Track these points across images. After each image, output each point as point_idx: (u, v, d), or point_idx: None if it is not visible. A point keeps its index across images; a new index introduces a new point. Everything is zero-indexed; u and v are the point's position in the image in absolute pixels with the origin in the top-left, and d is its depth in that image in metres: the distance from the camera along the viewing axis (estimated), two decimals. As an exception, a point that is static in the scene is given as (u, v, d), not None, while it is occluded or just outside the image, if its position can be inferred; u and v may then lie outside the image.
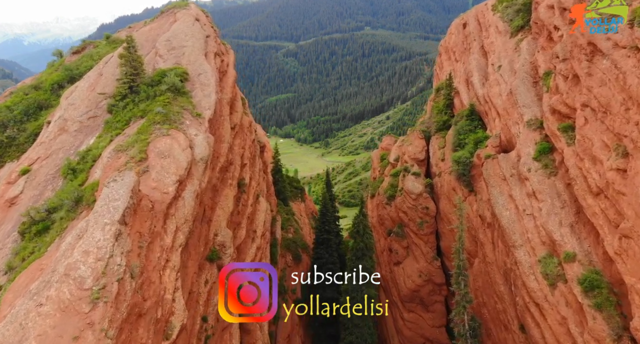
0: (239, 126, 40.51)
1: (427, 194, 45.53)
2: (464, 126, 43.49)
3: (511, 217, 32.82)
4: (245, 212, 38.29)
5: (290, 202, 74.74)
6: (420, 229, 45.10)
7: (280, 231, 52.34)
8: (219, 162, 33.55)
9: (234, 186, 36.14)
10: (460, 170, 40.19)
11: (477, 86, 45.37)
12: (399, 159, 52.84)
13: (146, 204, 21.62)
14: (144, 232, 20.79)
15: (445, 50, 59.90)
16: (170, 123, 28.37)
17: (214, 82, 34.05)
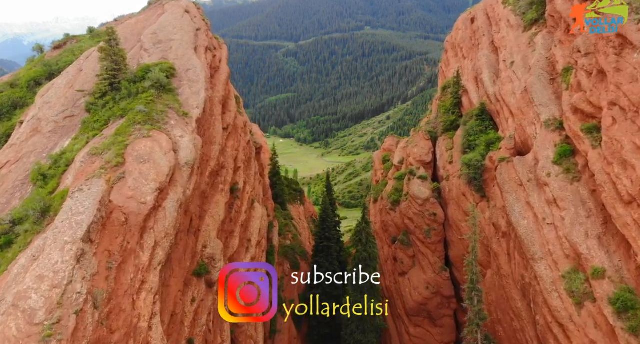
0: (233, 126, 37.60)
1: (434, 200, 42.58)
2: (474, 127, 40.55)
3: (529, 226, 29.88)
4: (239, 219, 35.37)
5: (289, 205, 71.78)
6: (427, 237, 42.16)
7: (278, 238, 49.40)
8: (209, 166, 30.64)
9: (226, 191, 33.22)
10: (471, 174, 37.25)
11: (488, 84, 42.43)
12: (403, 161, 49.85)
13: (118, 217, 18.67)
14: (114, 251, 17.85)
15: (452, 46, 56.96)
16: (153, 123, 25.46)
17: (204, 79, 31.14)
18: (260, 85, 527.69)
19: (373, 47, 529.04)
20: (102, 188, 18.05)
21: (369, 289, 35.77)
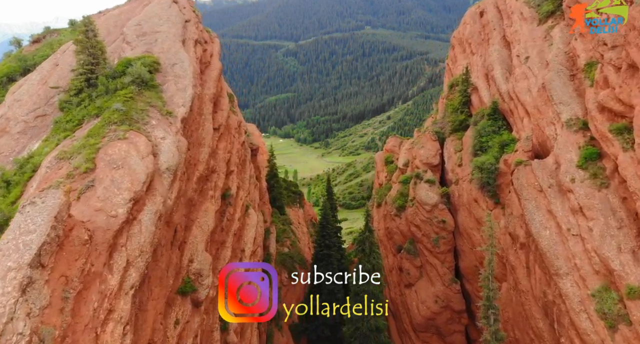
0: (225, 126, 34.66)
1: (443, 205, 39.60)
2: (485, 127, 37.61)
3: (552, 238, 26.95)
4: (231, 228, 32.42)
5: (288, 208, 68.87)
6: (435, 246, 39.20)
7: (275, 245, 46.46)
8: (196, 170, 27.70)
9: (216, 198, 30.27)
10: (483, 178, 34.32)
11: (500, 81, 39.49)
12: (408, 163, 46.85)
13: (79, 235, 15.73)
14: (73, 276, 14.92)
15: (459, 42, 53.98)
16: (131, 123, 22.53)
17: (192, 74, 28.22)
18: (260, 85, 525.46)
19: (373, 46, 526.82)
20: (60, 201, 15.10)
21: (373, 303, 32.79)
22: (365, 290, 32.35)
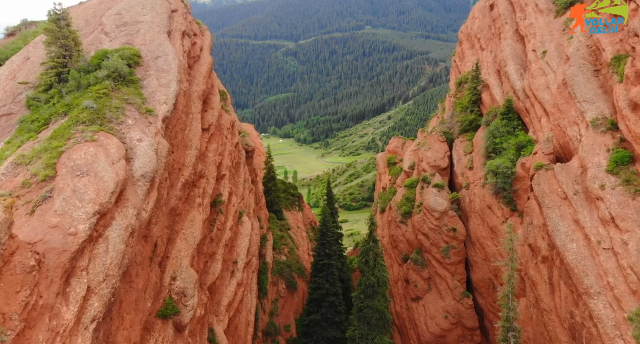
0: (216, 126, 31.74)
1: (453, 212, 36.63)
2: (499, 127, 34.68)
3: (580, 251, 24.04)
4: (222, 238, 29.50)
5: (286, 212, 65.88)
6: (445, 256, 36.23)
7: (272, 253, 43.54)
8: (181, 175, 24.77)
9: (205, 206, 27.35)
10: (498, 183, 31.39)
11: (514, 78, 36.58)
12: (414, 166, 43.85)
13: (23, 261, 12.80)
14: (12, 313, 12.01)
15: (467, 37, 51.03)
16: (102, 123, 19.63)
17: (177, 69, 25.29)
18: (259, 84, 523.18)
19: (373, 46, 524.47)
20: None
21: (378, 320, 29.90)
22: (370, 306, 29.43)
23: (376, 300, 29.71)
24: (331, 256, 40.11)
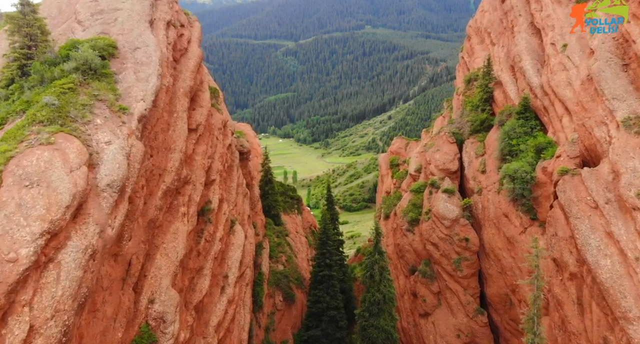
0: (205, 126, 28.82)
1: (465, 220, 33.69)
2: (515, 128, 31.76)
3: (615, 269, 21.14)
4: (211, 251, 26.58)
5: (285, 215, 62.98)
6: (457, 269, 33.28)
7: (268, 262, 40.60)
8: (162, 182, 21.85)
9: (190, 215, 24.43)
10: (517, 189, 28.48)
11: (531, 73, 33.68)
12: (421, 169, 40.89)
13: None
14: None
15: (477, 32, 48.11)
16: (64, 123, 16.74)
17: (158, 62, 22.39)
18: (259, 84, 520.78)
19: (374, 46, 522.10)
20: None
21: (384, 340, 26.97)
22: (375, 326, 26.51)
23: (382, 319, 26.85)
24: (332, 266, 37.21)
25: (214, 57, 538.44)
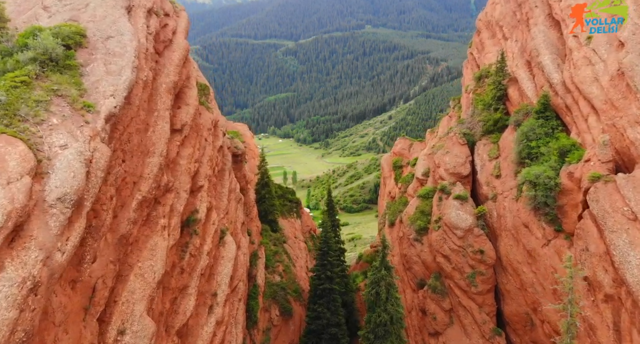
0: (192, 127, 25.92)
1: (479, 230, 30.77)
2: (534, 128, 28.86)
3: (662, 292, 18.19)
4: (197, 266, 23.66)
5: (283, 219, 60.07)
6: (471, 284, 30.40)
7: (264, 273, 37.68)
8: (137, 191, 18.93)
9: (173, 227, 21.51)
10: (539, 197, 25.59)
11: (550, 69, 30.78)
12: (429, 173, 37.94)
13: None
14: None
15: (487, 25, 45.20)
16: (11, 122, 13.92)
17: (134, 52, 19.48)
18: (259, 84, 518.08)
19: (374, 45, 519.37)
20: None
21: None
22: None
23: (389, 342, 23.96)
24: (333, 279, 34.31)
25: (213, 57, 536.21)
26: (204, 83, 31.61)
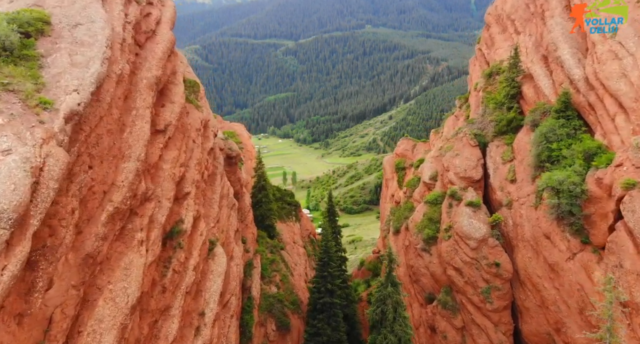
0: (178, 127, 23.38)
1: (494, 241, 28.16)
2: (554, 129, 26.30)
3: None
4: (181, 284, 21.10)
5: (281, 223, 57.54)
6: (485, 300, 27.81)
7: (259, 284, 35.11)
8: (108, 202, 16.37)
9: (152, 242, 18.95)
10: (563, 205, 23.03)
11: (571, 64, 28.21)
12: (437, 176, 35.31)
13: None
14: None
15: (497, 19, 42.63)
16: (-60, 122, 11.25)
17: (106, 42, 16.95)
18: (259, 84, 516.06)
19: (374, 45, 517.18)
20: None
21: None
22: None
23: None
24: (333, 292, 31.76)
25: (213, 56, 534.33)
26: (194, 80, 29.07)
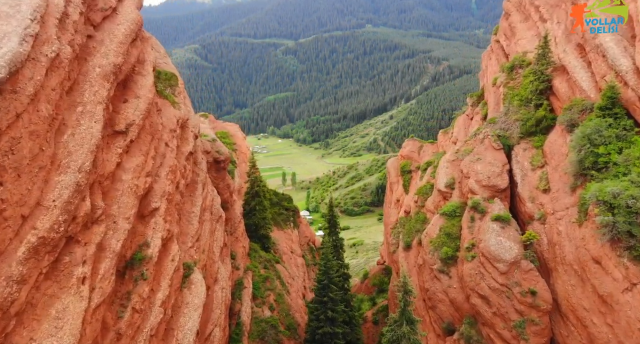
0: (144, 127, 18.96)
1: (529, 263, 23.39)
2: (600, 130, 21.89)
3: None
4: (144, 326, 16.68)
5: (278, 230, 53.23)
6: (519, 336, 23.07)
7: (250, 306, 30.68)
8: (31, 230, 11.97)
9: (101, 277, 14.55)
10: (621, 224, 18.63)
11: (616, 53, 23.78)
12: (454, 184, 30.64)
13: None
14: None
15: (518, 6, 38.14)
16: None
17: (31, 14, 12.63)
18: (258, 83, 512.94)
19: (374, 45, 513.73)
20: None
21: None
22: None
23: None
24: (335, 320, 27.37)
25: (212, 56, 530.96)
26: (171, 72, 24.65)
